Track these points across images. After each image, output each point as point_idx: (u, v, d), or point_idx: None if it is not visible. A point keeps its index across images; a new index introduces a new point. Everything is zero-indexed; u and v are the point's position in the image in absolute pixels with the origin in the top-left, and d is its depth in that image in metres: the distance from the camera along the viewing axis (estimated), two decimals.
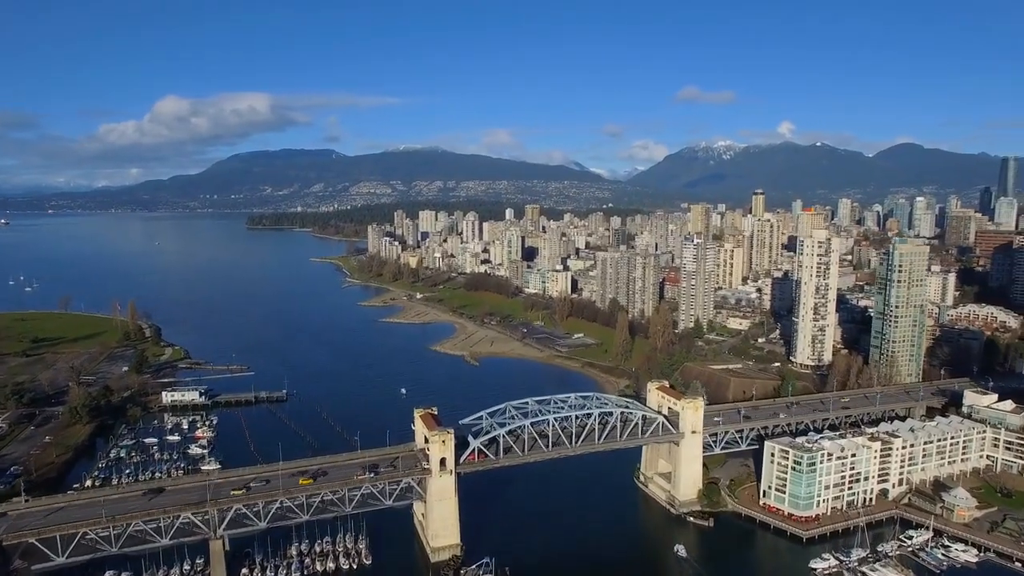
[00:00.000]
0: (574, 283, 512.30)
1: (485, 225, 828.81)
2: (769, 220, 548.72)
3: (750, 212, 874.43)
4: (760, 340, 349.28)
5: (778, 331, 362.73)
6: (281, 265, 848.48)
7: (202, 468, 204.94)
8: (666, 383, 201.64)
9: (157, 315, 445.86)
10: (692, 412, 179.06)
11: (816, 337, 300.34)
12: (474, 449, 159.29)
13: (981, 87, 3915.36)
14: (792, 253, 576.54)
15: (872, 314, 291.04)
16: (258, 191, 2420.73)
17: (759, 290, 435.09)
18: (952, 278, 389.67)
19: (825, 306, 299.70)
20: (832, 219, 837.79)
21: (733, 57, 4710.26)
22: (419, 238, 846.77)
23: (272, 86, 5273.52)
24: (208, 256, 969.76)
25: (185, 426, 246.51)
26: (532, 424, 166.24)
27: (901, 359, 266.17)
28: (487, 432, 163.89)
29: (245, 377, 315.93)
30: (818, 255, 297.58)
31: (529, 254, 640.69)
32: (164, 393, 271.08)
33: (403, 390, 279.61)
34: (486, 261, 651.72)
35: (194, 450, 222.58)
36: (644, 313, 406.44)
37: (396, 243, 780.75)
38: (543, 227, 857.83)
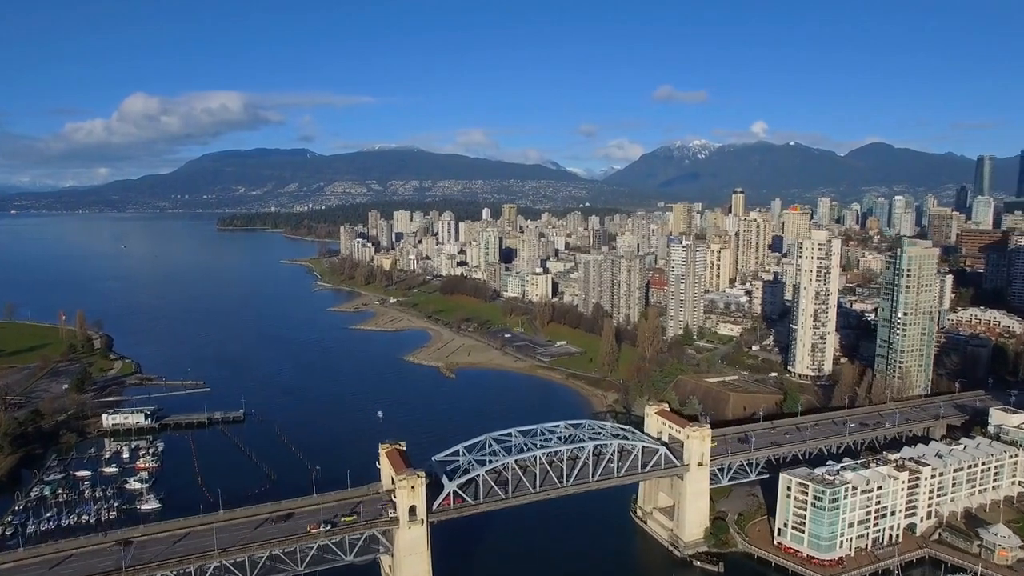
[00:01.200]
0: (554, 286, 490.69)
1: (461, 225, 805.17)
2: (755, 220, 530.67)
3: (730, 211, 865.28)
4: (754, 348, 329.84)
5: (772, 337, 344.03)
6: (250, 268, 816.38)
7: (139, 508, 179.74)
8: (666, 406, 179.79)
9: (111, 324, 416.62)
10: (699, 442, 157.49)
11: (816, 346, 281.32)
12: (449, 493, 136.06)
13: (945, 89, 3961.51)
14: (777, 253, 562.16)
15: (878, 321, 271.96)
16: (231, 191, 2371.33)
17: (748, 293, 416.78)
18: (950, 280, 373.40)
19: (826, 312, 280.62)
20: (811, 218, 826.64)
21: (706, 56, 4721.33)
22: (393, 239, 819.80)
23: (245, 85, 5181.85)
24: (174, 259, 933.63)
25: (126, 455, 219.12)
26: (516, 461, 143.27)
27: (910, 370, 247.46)
28: (464, 471, 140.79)
29: (200, 394, 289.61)
30: (818, 258, 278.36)
31: (507, 255, 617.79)
32: (104, 416, 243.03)
33: (380, 413, 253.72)
34: (462, 263, 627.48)
35: (132, 484, 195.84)
36: (630, 319, 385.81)
37: (369, 245, 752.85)
38: (520, 227, 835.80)
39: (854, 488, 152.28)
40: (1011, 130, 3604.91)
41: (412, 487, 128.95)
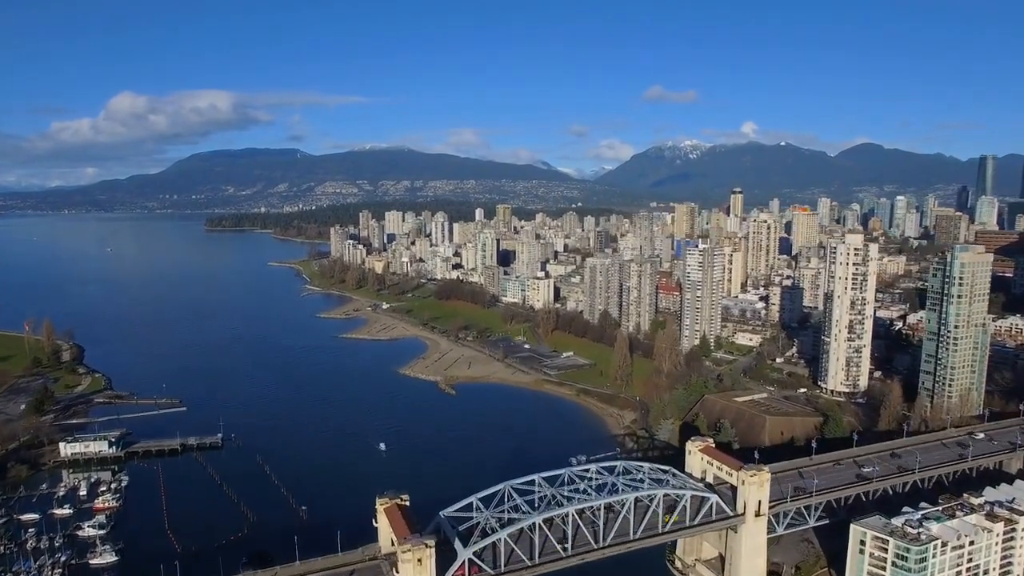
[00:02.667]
0: (556, 291, 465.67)
1: (455, 226, 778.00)
2: (765, 221, 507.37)
3: (728, 211, 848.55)
4: (778, 360, 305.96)
5: (795, 348, 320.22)
6: (236, 270, 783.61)
7: (91, 562, 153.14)
8: (710, 441, 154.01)
9: (84, 332, 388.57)
10: (757, 488, 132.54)
11: (851, 360, 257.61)
12: (464, 561, 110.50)
13: (932, 90, 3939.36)
14: (785, 256, 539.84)
15: (923, 334, 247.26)
16: (220, 191, 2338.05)
17: (764, 299, 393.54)
18: None
19: (862, 324, 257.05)
20: None
21: (695, 56, 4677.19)
22: (385, 240, 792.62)
23: (234, 84, 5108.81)
24: (158, 260, 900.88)
25: (83, 492, 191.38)
26: (543, 519, 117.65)
27: (960, 389, 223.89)
28: (482, 532, 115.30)
29: (175, 414, 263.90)
30: (854, 264, 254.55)
31: (503, 258, 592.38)
32: (62, 444, 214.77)
33: (382, 445, 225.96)
34: (458, 266, 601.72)
35: (87, 531, 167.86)
36: (640, 327, 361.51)
37: (360, 246, 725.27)
38: (514, 228, 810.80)
39: (943, 544, 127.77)
40: (995, 131, 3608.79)
41: (419, 560, 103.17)
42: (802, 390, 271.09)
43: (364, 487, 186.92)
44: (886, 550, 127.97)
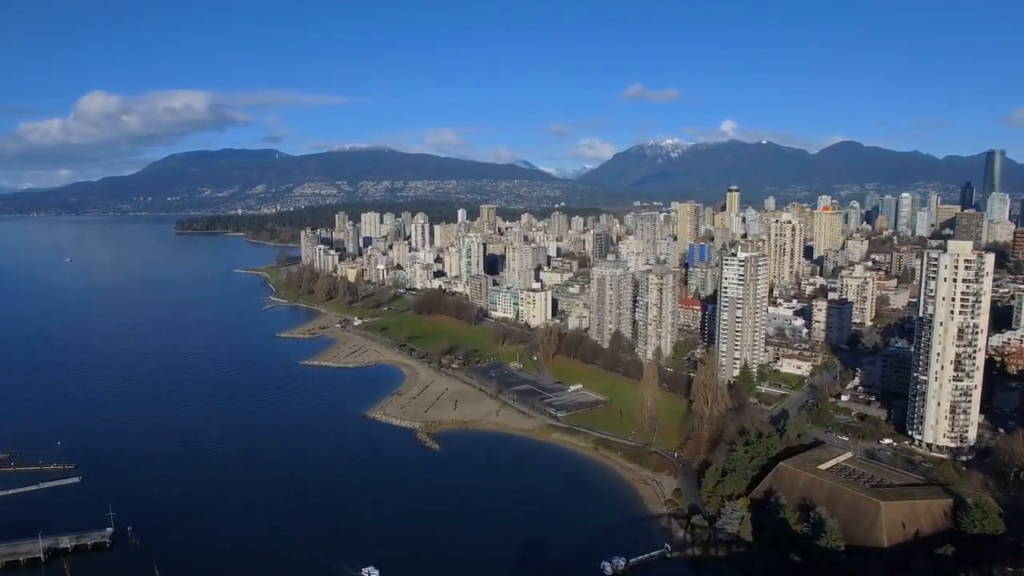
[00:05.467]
0: (553, 304, 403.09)
1: (437, 228, 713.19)
2: (789, 222, 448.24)
3: (724, 209, 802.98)
4: (843, 398, 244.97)
5: (858, 380, 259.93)
6: (196, 279, 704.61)
7: None
8: None
9: None
10: None
11: (957, 404, 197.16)
12: None
13: (906, 89, 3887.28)
14: (807, 260, 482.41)
15: None
16: (196, 193, 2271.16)
17: (799, 314, 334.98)
18: None
19: (972, 358, 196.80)
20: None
21: (676, 54, 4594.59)
22: (361, 244, 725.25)
23: (210, 83, 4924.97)
24: (115, 269, 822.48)
25: None
26: None
27: None
28: None
29: (64, 487, 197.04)
30: (964, 280, 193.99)
31: (491, 264, 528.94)
32: None
33: (370, 573, 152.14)
34: (440, 273, 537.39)
35: None
36: (662, 352, 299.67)
37: (332, 251, 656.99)
38: (499, 229, 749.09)
39: None
40: (970, 129, 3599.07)
41: None
42: (887, 441, 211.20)
43: None
44: None
